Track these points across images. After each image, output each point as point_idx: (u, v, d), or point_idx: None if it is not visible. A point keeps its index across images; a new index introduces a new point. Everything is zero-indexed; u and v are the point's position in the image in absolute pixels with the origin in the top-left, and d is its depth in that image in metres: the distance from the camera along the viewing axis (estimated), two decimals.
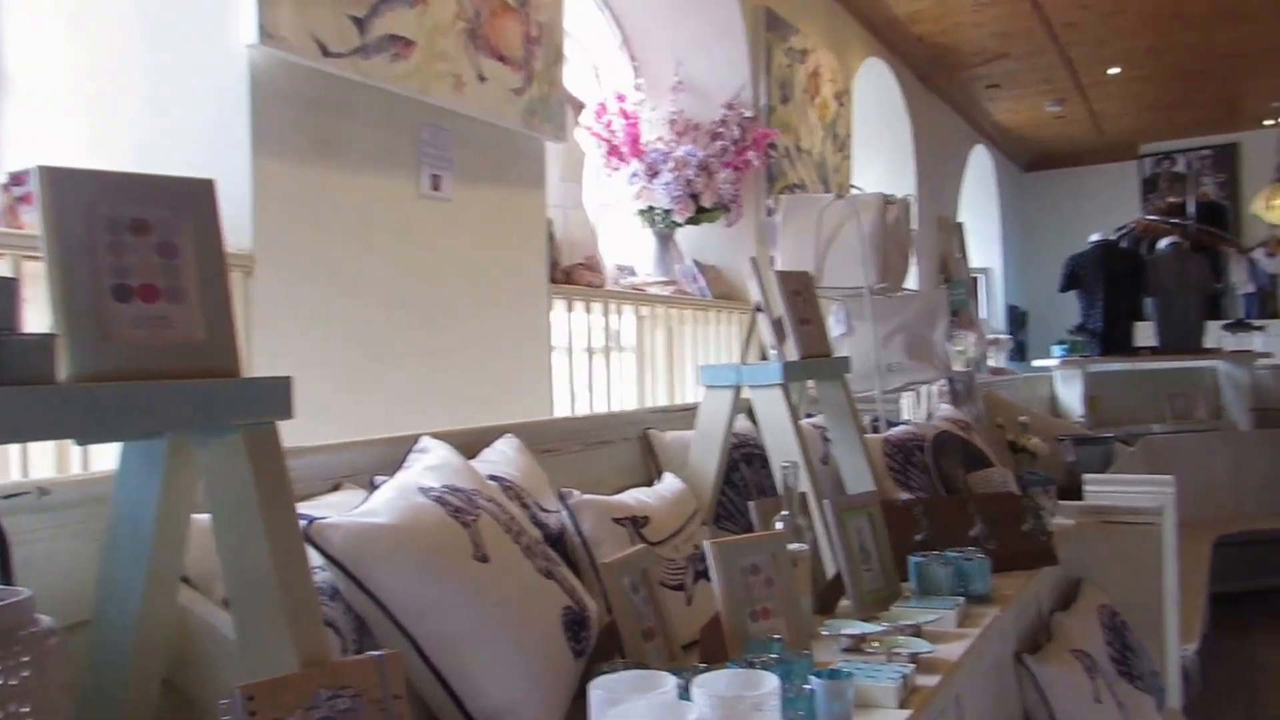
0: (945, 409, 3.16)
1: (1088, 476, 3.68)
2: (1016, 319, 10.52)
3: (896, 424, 3.15)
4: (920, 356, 3.25)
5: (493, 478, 1.80)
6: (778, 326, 2.40)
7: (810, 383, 2.65)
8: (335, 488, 1.69)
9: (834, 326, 3.27)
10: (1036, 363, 7.45)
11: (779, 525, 1.93)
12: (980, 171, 9.79)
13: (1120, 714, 2.38)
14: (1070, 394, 6.83)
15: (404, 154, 2.63)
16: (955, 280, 8.16)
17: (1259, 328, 7.86)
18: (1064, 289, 7.03)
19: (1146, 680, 2.66)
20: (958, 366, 7.52)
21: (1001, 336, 9.10)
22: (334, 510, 1.50)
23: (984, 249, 10.08)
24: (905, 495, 2.52)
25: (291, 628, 1.08)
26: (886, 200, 3.20)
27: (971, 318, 8.27)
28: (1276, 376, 7.18)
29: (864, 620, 1.92)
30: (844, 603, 2.06)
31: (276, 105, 2.27)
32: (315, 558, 1.35)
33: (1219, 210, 10.13)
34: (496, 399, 2.84)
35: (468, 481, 1.64)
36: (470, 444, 1.91)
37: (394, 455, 1.75)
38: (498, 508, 1.64)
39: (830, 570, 2.12)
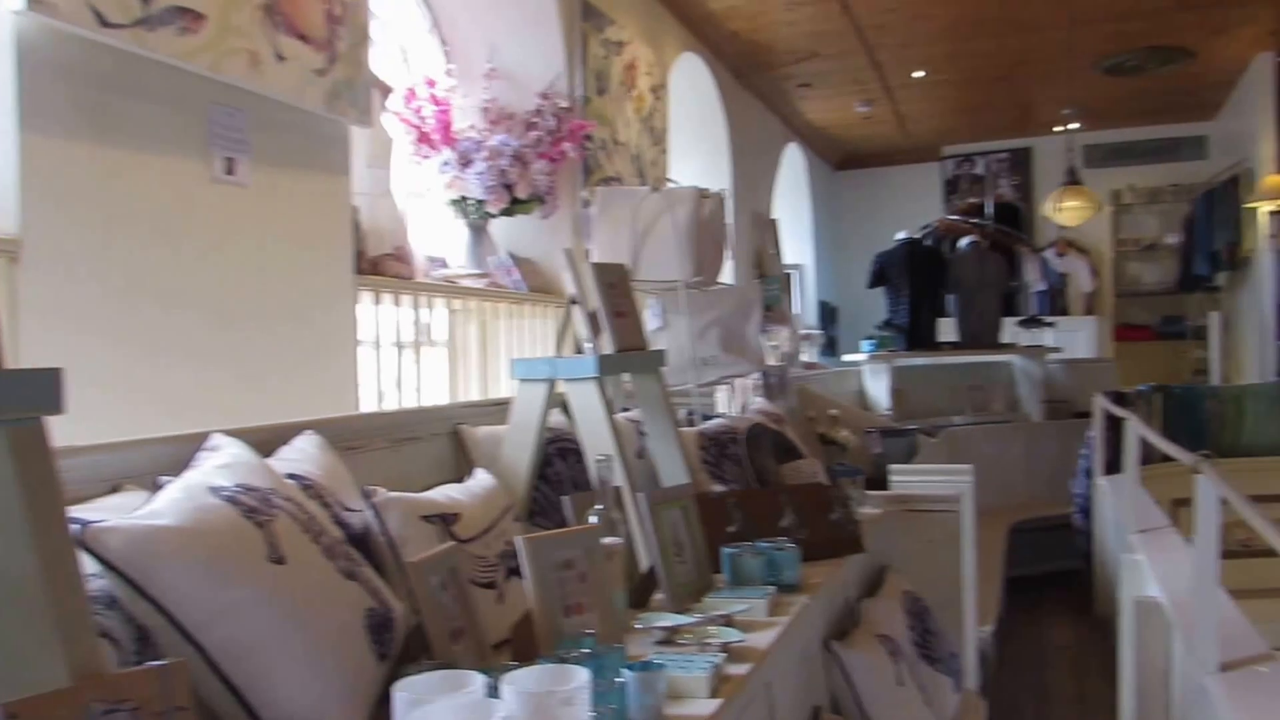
0: (759, 402, 3.21)
1: (893, 467, 3.80)
2: (828, 314, 10.88)
3: (711, 417, 3.17)
4: (735, 350, 3.28)
5: (292, 476, 1.71)
6: (593, 319, 2.37)
7: (626, 376, 2.64)
8: (114, 490, 1.56)
9: (650, 320, 3.27)
10: (846, 357, 7.71)
11: (593, 520, 1.90)
12: (793, 169, 10.07)
13: (921, 695, 2.46)
14: (878, 387, 7.10)
15: (194, 136, 2.47)
16: (769, 276, 8.35)
17: (1050, 324, 8.38)
18: (871, 285, 7.30)
19: (946, 662, 2.76)
20: (771, 361, 7.71)
21: (813, 331, 9.40)
22: (113, 513, 1.38)
23: (797, 246, 10.38)
24: (719, 488, 2.54)
25: (61, 639, 1.00)
26: (701, 194, 3.22)
27: (785, 313, 8.50)
28: (1066, 370, 7.67)
29: (677, 612, 1.91)
30: (658, 595, 2.05)
31: (47, 78, 2.09)
32: (91, 564, 1.25)
33: (1014, 211, 10.73)
34: (298, 396, 2.71)
35: (263, 480, 1.55)
36: (267, 441, 1.81)
37: (182, 455, 1.63)
38: (296, 507, 1.55)
39: (645, 564, 2.10)
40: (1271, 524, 2.00)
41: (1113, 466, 5.79)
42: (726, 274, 5.30)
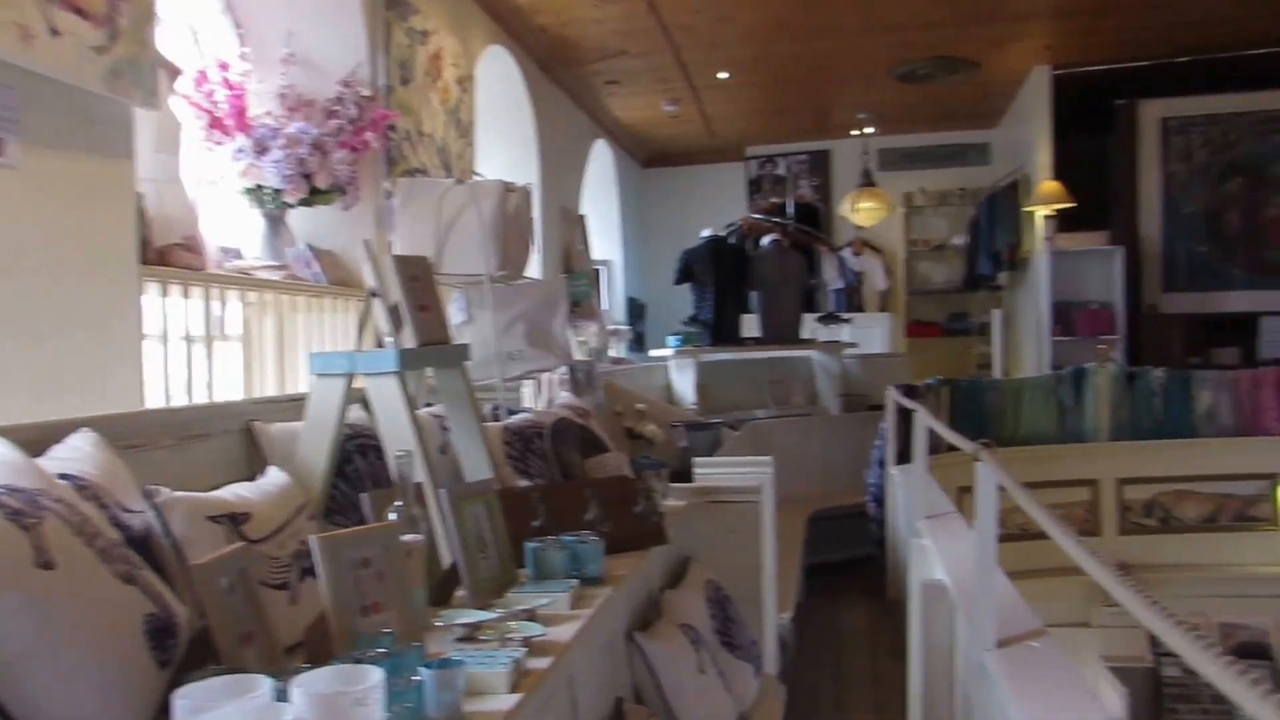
0: (565, 397, 3.21)
1: (697, 460, 3.88)
2: (636, 310, 11.01)
3: (517, 412, 3.16)
4: (541, 345, 3.27)
5: (64, 476, 1.60)
6: (394, 313, 2.32)
7: (429, 371, 2.59)
8: None
9: (454, 314, 3.23)
10: (654, 352, 7.83)
11: (392, 517, 1.86)
12: (602, 165, 10.14)
13: (722, 682, 2.52)
14: (684, 382, 7.23)
15: None
16: (578, 272, 8.37)
17: (847, 320, 8.74)
18: (678, 282, 7.43)
19: (745, 649, 2.84)
20: (579, 356, 7.74)
21: (621, 327, 9.49)
22: None
23: (605, 242, 10.46)
24: (524, 482, 2.53)
25: None
26: (507, 188, 3.20)
27: (594, 308, 8.54)
28: (862, 365, 8.01)
29: (480, 608, 1.89)
30: (461, 592, 2.02)
31: None
32: None
33: (814, 211, 11.13)
34: (76, 392, 2.53)
35: (31, 481, 1.46)
36: (36, 440, 1.69)
37: None
38: (68, 509, 1.46)
39: (447, 560, 2.07)
40: (1043, 508, 2.13)
41: (904, 456, 6.09)
42: (533, 268, 5.28)
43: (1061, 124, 8.67)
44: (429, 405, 2.80)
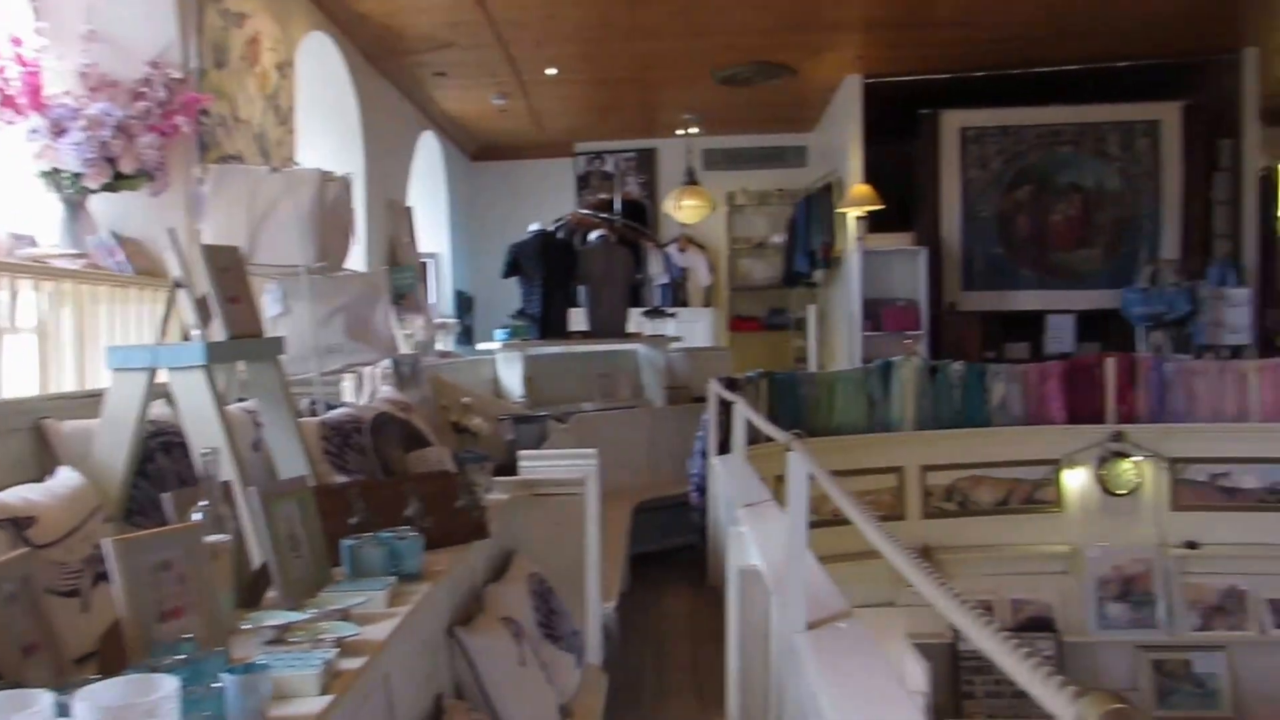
0: (387, 391, 3.16)
1: (523, 453, 3.89)
2: (464, 304, 10.90)
3: (336, 407, 3.09)
4: (361, 338, 3.21)
5: None
6: (201, 305, 2.23)
7: (241, 365, 2.50)
8: None
9: (269, 306, 3.13)
10: (481, 346, 7.77)
11: (197, 517, 1.79)
12: (430, 158, 9.99)
13: (544, 674, 2.54)
14: (511, 375, 7.21)
15: None
16: (403, 264, 8.24)
17: (672, 314, 8.89)
18: (506, 275, 7.40)
19: (568, 640, 2.87)
20: (406, 349, 7.62)
21: (449, 320, 9.39)
22: None
23: (433, 235, 10.31)
24: (343, 479, 2.48)
25: None
26: (326, 177, 3.11)
27: (419, 302, 8.42)
28: (686, 358, 8.17)
29: (291, 609, 1.85)
30: (272, 593, 1.97)
31: None
32: None
33: (640, 208, 11.28)
34: None
35: None
36: None
37: None
38: None
39: (258, 561, 2.01)
40: (847, 495, 2.23)
41: (725, 447, 6.25)
42: (355, 260, 5.17)
43: (871, 130, 9.06)
44: (241, 400, 2.71)
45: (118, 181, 3.85)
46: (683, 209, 8.04)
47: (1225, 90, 8.52)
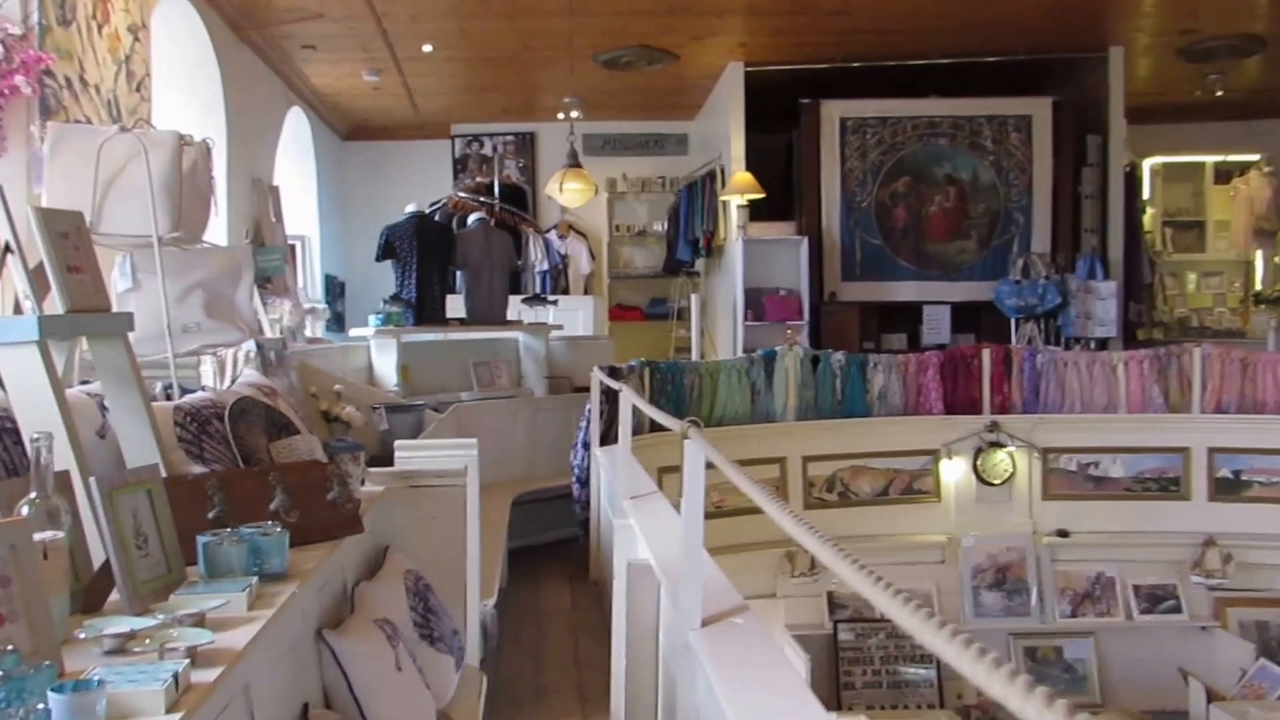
0: (251, 375, 2.92)
1: (399, 443, 3.69)
2: (335, 288, 10.52)
3: (193, 391, 2.84)
4: (221, 316, 2.95)
5: None
6: (38, 274, 1.99)
7: (85, 344, 2.26)
8: None
9: (118, 280, 2.86)
10: (354, 332, 7.48)
11: (25, 511, 1.57)
12: (298, 135, 9.58)
13: (421, 678, 2.37)
14: (385, 363, 6.94)
15: None
16: (269, 245, 7.87)
17: (553, 302, 8.71)
18: (380, 258, 7.12)
19: (447, 640, 2.70)
20: (271, 334, 7.27)
21: (318, 305, 9.02)
22: None
23: (302, 216, 9.91)
24: (200, 469, 2.25)
25: None
26: (183, 140, 2.85)
27: (287, 284, 8.06)
28: (567, 347, 8.01)
29: (137, 615, 1.64)
30: (116, 597, 1.75)
31: None
32: None
33: (520, 193, 11.06)
34: None
35: None
36: None
37: None
38: None
39: (100, 560, 1.79)
40: (753, 482, 2.12)
41: (608, 437, 6.13)
42: (216, 237, 4.87)
43: (754, 118, 9.06)
44: (86, 383, 2.45)
45: None
46: (565, 192, 7.87)
47: (1093, 87, 8.78)
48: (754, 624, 2.35)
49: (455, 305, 7.59)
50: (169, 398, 2.71)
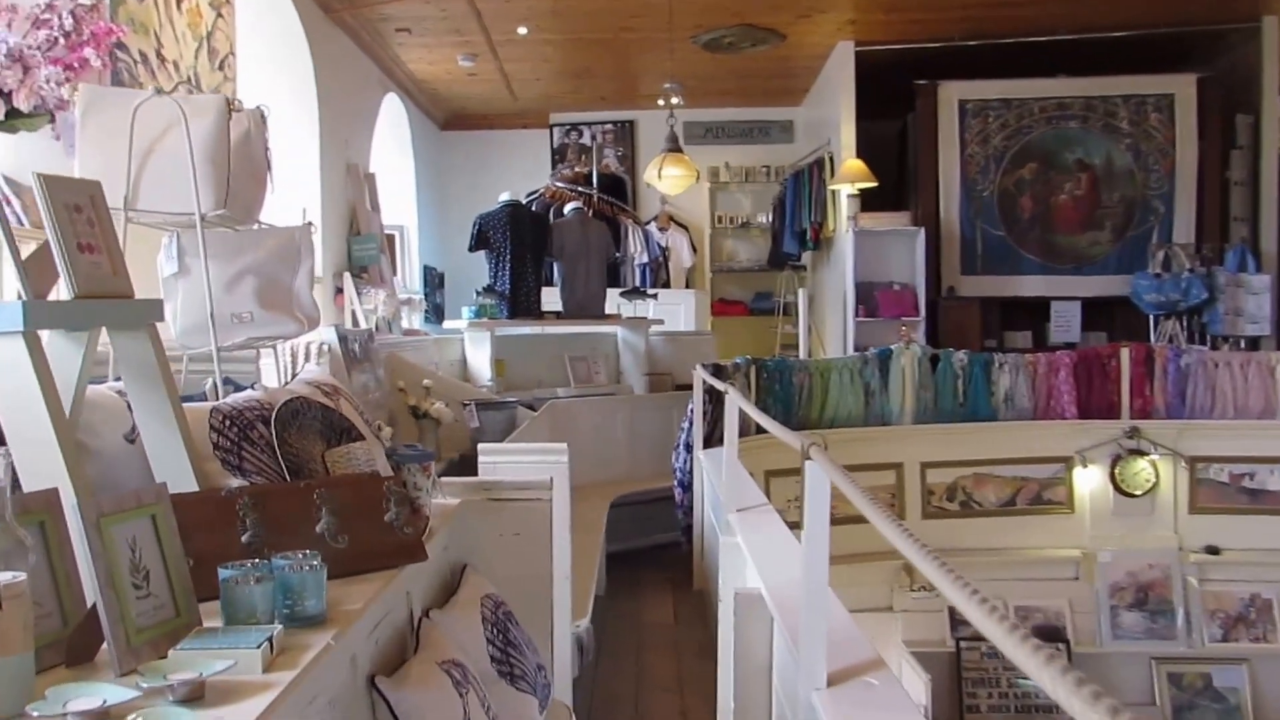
0: (313, 370, 2.58)
1: (483, 447, 3.35)
2: (434, 280, 10.31)
3: (247, 388, 2.52)
4: (276, 306, 2.63)
5: None
6: (43, 253, 1.67)
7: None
8: None
9: (164, 264, 2.56)
10: (448, 324, 7.21)
11: None
12: (395, 123, 9.39)
13: None
14: (479, 357, 6.65)
15: None
16: (366, 234, 7.66)
17: (652, 295, 8.30)
18: (473, 248, 6.81)
19: (530, 678, 2.33)
20: (366, 324, 7.04)
21: (415, 296, 8.79)
22: None
23: (400, 206, 9.72)
24: (238, 481, 1.92)
25: None
26: (231, 105, 2.53)
27: (383, 274, 7.84)
28: (667, 343, 7.62)
29: (123, 675, 1.29)
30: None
31: None
32: None
33: (619, 183, 10.70)
34: None
35: None
36: None
37: None
38: None
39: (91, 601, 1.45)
40: (879, 506, 1.71)
41: (712, 439, 5.73)
42: (274, 215, 4.59)
43: (864, 103, 8.54)
44: (120, 379, 2.14)
45: (10, 119, 3.24)
46: (664, 178, 7.46)
47: (1244, 62, 8.02)
48: (892, 685, 1.92)
49: (551, 298, 7.25)
50: (220, 396, 2.40)
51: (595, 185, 9.44)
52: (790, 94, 10.35)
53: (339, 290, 7.19)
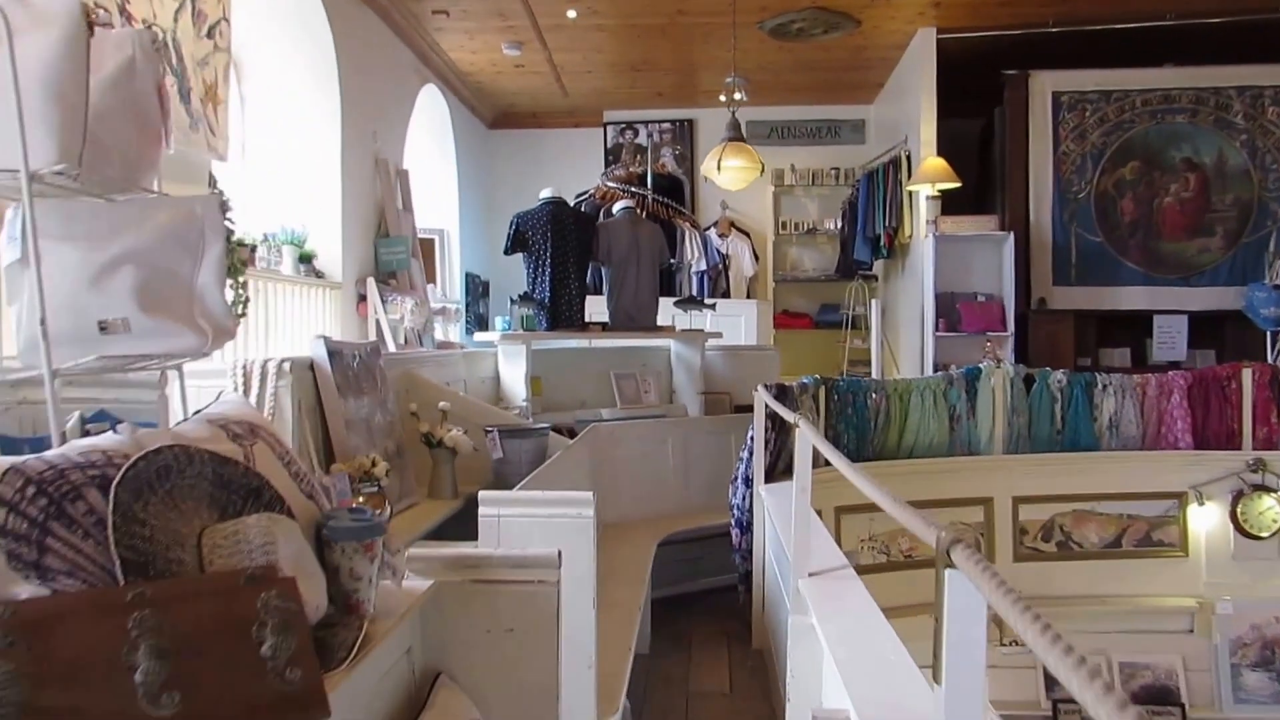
0: (228, 403, 1.81)
1: (484, 496, 2.61)
2: (476, 288, 9.65)
3: (148, 426, 1.80)
4: (166, 309, 1.87)
5: None
6: None
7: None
8: None
9: (4, 248, 1.85)
10: (480, 336, 6.50)
11: None
12: (435, 119, 8.74)
13: None
14: (514, 373, 5.92)
15: None
16: (395, 236, 7.00)
17: (710, 306, 7.54)
18: (509, 251, 6.09)
19: None
20: (391, 335, 6.36)
21: (451, 305, 8.11)
22: None
23: (441, 208, 9.08)
24: (35, 588, 1.20)
25: None
26: (92, 18, 1.80)
27: (414, 280, 7.17)
28: (726, 359, 6.84)
29: None
30: None
31: None
32: None
33: (676, 184, 9.97)
34: None
35: None
36: None
37: None
38: None
39: None
40: (1031, 618, 0.96)
41: (774, 471, 4.97)
42: (329, 222, 3.91)
43: (944, 99, 7.72)
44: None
45: None
46: (724, 171, 6.67)
47: None
48: None
49: (597, 307, 6.52)
50: (86, 433, 1.68)
51: (650, 186, 8.71)
52: (863, 89, 9.54)
53: (362, 298, 6.53)
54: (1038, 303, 7.70)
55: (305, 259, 6.06)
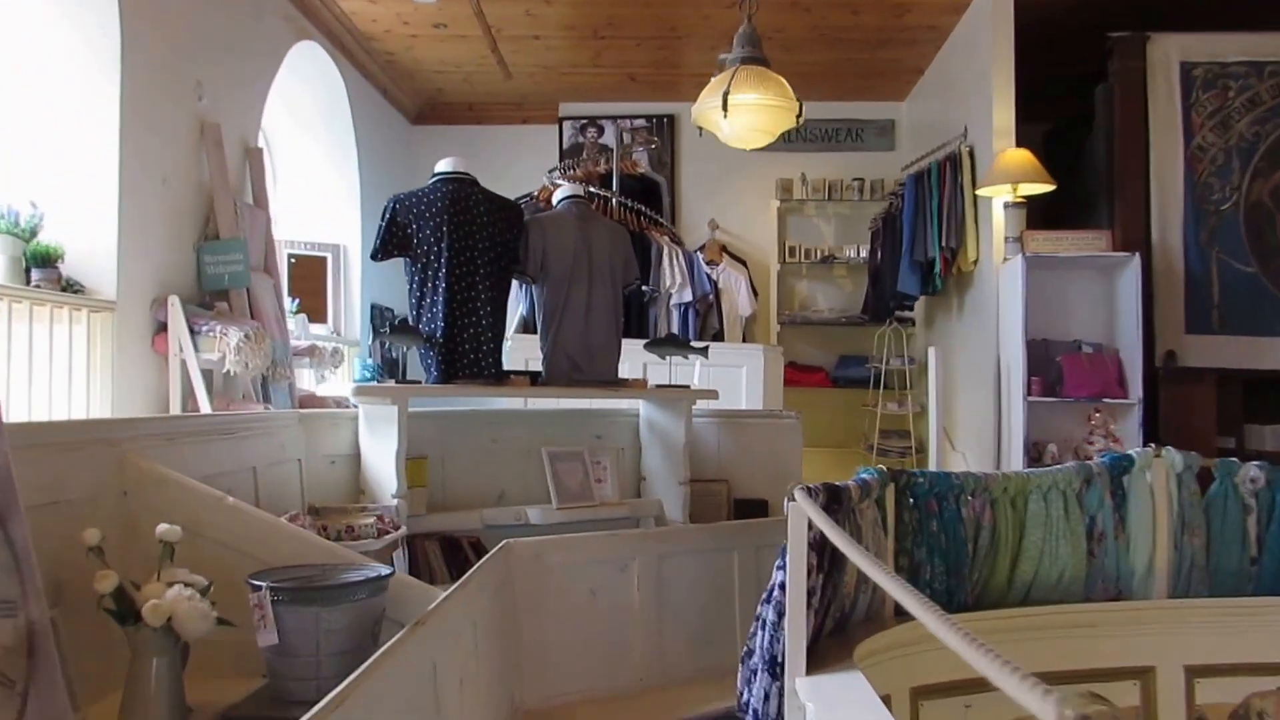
0: None
1: None
2: (383, 323, 7.27)
3: None
4: None
5: None
6: None
7: None
8: None
9: None
10: (321, 390, 4.12)
11: None
12: (327, 98, 6.49)
13: None
14: (379, 450, 3.59)
15: None
16: (228, 239, 4.67)
17: (700, 350, 5.18)
18: (378, 254, 3.73)
19: None
20: (202, 390, 4.02)
21: (330, 345, 5.69)
22: None
23: (337, 217, 6.78)
24: None
25: None
26: None
27: (257, 304, 4.82)
28: (721, 429, 4.51)
29: None
30: None
31: None
32: None
33: (652, 188, 7.73)
34: None
35: None
36: None
37: None
38: None
39: None
40: None
41: (818, 647, 2.62)
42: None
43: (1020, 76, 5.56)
44: None
45: None
46: (733, 111, 4.21)
47: None
48: None
49: (523, 348, 4.14)
50: None
51: (616, 189, 6.43)
52: (896, 78, 7.37)
53: (162, 327, 4.18)
54: (1165, 357, 5.42)
55: (41, 261, 3.72)
